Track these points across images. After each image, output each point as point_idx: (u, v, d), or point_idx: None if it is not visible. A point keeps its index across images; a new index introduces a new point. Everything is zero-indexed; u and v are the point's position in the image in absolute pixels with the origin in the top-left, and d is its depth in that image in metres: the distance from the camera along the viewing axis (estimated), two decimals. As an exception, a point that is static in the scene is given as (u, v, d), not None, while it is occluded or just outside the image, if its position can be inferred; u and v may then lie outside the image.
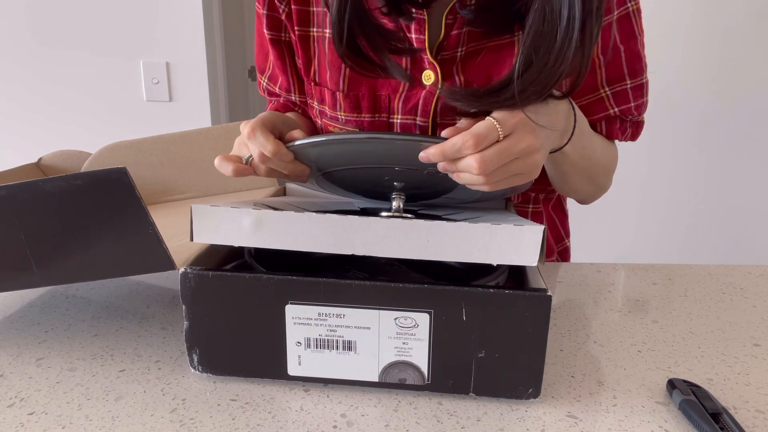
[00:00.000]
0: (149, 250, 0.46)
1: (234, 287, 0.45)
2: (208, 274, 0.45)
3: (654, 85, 0.73)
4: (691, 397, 0.44)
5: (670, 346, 0.55)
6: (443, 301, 0.43)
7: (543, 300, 0.42)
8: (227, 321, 0.46)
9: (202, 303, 0.46)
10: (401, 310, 0.44)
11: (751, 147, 2.01)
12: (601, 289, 0.69)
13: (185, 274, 0.45)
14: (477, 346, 0.44)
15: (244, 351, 0.46)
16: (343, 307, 0.44)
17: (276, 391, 0.46)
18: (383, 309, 0.44)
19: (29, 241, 0.47)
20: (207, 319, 0.46)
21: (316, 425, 0.42)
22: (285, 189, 0.76)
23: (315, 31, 0.68)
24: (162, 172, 0.80)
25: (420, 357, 0.45)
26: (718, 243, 2.12)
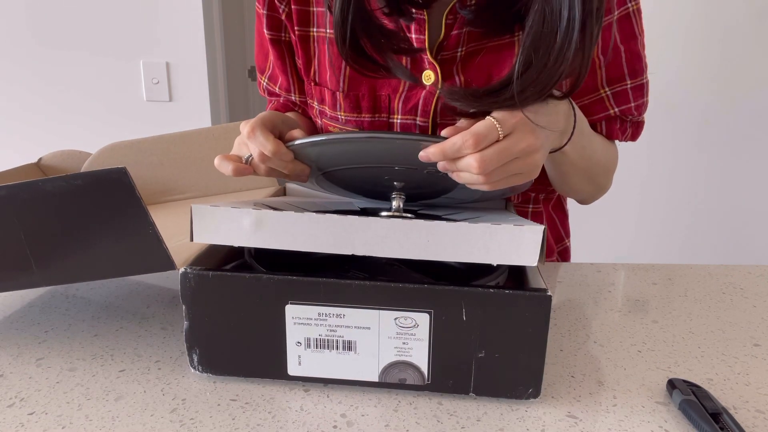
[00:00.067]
0: (149, 250, 0.46)
1: (234, 287, 0.45)
2: (208, 274, 0.45)
3: (654, 85, 0.73)
4: (691, 397, 0.44)
5: (670, 346, 0.55)
6: (443, 301, 0.43)
7: (543, 300, 0.42)
8: (227, 321, 0.46)
9: (202, 303, 0.46)
10: (401, 310, 0.44)
11: (751, 147, 2.01)
12: (601, 289, 0.69)
13: (185, 274, 0.45)
14: (477, 346, 0.44)
15: (244, 351, 0.46)
16: (343, 307, 0.44)
17: (276, 391, 0.46)
18: (383, 309, 0.44)
19: (29, 241, 0.47)
20: (207, 319, 0.46)
21: (316, 425, 0.42)
22: (285, 189, 0.76)
23: (315, 31, 0.68)
24: (162, 172, 0.80)
25: (420, 357, 0.45)
26: (718, 243, 2.12)
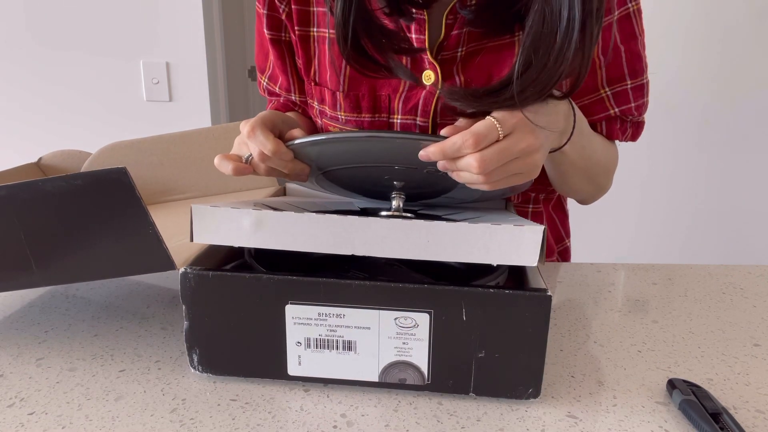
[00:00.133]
0: (149, 250, 0.46)
1: (234, 287, 0.45)
2: (208, 274, 0.45)
3: (654, 85, 0.73)
4: (691, 397, 0.44)
5: (670, 346, 0.55)
6: (443, 301, 0.43)
7: (543, 300, 0.42)
8: (227, 321, 0.46)
9: (202, 303, 0.46)
10: (401, 310, 0.44)
11: (751, 147, 2.01)
12: (601, 289, 0.69)
13: (185, 274, 0.45)
14: (477, 346, 0.44)
15: (244, 351, 0.46)
16: (343, 307, 0.44)
17: (276, 391, 0.46)
18: (383, 309, 0.44)
19: (29, 241, 0.47)
20: (207, 319, 0.46)
21: (316, 425, 0.42)
22: (285, 189, 0.76)
23: (315, 31, 0.68)
24: (162, 172, 0.80)
25: (420, 357, 0.45)
26: (718, 243, 2.12)
